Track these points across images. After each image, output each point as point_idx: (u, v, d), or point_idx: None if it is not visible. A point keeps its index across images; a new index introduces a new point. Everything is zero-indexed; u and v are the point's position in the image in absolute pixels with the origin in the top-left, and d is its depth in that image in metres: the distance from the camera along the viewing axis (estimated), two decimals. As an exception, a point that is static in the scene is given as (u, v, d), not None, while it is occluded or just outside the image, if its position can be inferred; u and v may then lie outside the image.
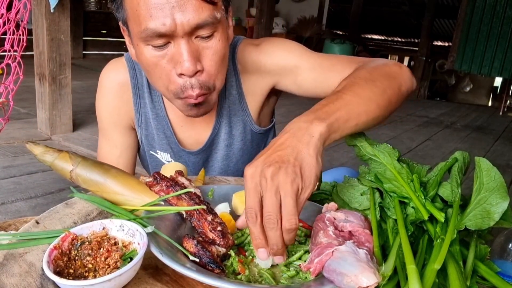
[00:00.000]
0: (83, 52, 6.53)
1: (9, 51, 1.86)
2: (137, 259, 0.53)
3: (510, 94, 6.11)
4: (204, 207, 0.65)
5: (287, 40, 1.01)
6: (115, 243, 0.58)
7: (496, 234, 0.70)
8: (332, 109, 0.67)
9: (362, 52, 7.64)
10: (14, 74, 1.86)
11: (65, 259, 0.55)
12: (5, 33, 1.85)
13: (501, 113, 5.70)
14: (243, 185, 0.59)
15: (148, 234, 0.57)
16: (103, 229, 0.60)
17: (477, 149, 3.67)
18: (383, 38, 8.76)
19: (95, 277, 0.54)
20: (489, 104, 7.84)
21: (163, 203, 0.67)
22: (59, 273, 0.53)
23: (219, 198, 0.77)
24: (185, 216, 0.66)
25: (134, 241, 0.59)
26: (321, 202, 0.78)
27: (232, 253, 0.62)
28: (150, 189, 0.68)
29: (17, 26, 1.88)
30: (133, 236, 0.59)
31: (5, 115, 1.83)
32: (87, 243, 0.57)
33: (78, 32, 6.29)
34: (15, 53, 1.86)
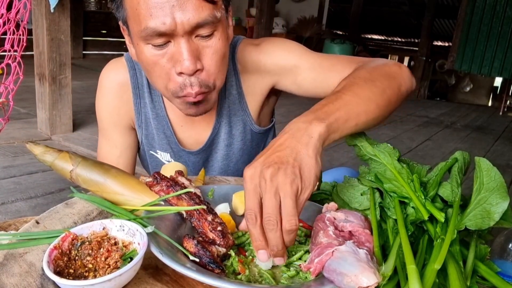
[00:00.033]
0: (83, 52, 6.53)
1: (9, 51, 1.86)
2: (137, 259, 0.53)
3: (510, 94, 6.11)
4: (204, 207, 0.65)
5: (287, 40, 1.01)
6: (115, 243, 0.58)
7: (496, 234, 0.70)
8: (332, 109, 0.67)
9: (362, 52, 7.63)
10: (14, 74, 1.86)
11: (65, 259, 0.55)
12: (5, 33, 1.85)
13: (501, 113, 5.70)
14: (243, 185, 0.59)
15: (148, 234, 0.57)
16: (103, 229, 0.60)
17: (477, 149, 3.67)
18: (383, 38, 8.75)
19: (95, 277, 0.54)
20: (489, 104, 7.83)
21: (163, 203, 0.67)
22: (59, 273, 0.53)
23: (219, 198, 0.77)
24: (185, 216, 0.66)
25: (134, 241, 0.59)
26: (321, 202, 0.78)
27: (232, 253, 0.62)
28: (150, 189, 0.68)
29: (17, 26, 1.88)
30: (133, 236, 0.59)
31: (5, 115, 1.83)
32: (87, 243, 0.57)
33: (78, 32, 6.29)
34: (15, 53, 1.86)
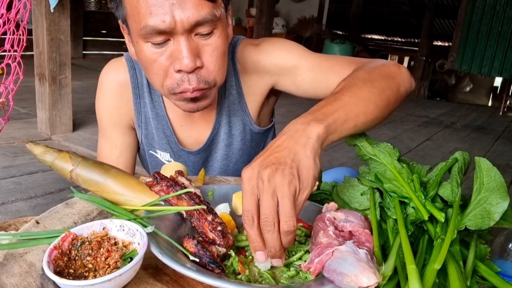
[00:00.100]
0: (83, 52, 6.53)
1: (9, 51, 1.86)
2: (137, 259, 0.53)
3: (510, 94, 6.10)
4: (204, 207, 0.65)
5: (286, 40, 1.01)
6: (115, 243, 0.58)
7: (496, 234, 0.70)
8: (330, 110, 0.67)
9: (362, 52, 7.64)
10: (14, 74, 1.86)
11: (65, 259, 0.55)
12: (5, 33, 1.85)
13: (501, 113, 5.70)
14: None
15: (148, 234, 0.57)
16: (103, 229, 0.60)
17: (477, 149, 3.67)
18: (383, 38, 8.76)
19: (95, 277, 0.54)
20: (489, 104, 7.84)
21: (163, 203, 0.67)
22: (59, 273, 0.53)
23: (219, 198, 0.77)
24: (185, 216, 0.66)
25: (134, 241, 0.59)
26: (321, 202, 0.78)
27: (232, 253, 0.62)
28: (150, 189, 0.68)
29: (17, 26, 1.88)
30: (133, 236, 0.59)
31: (5, 115, 1.83)
32: (87, 243, 0.57)
33: (78, 32, 6.29)
34: (15, 53, 1.86)
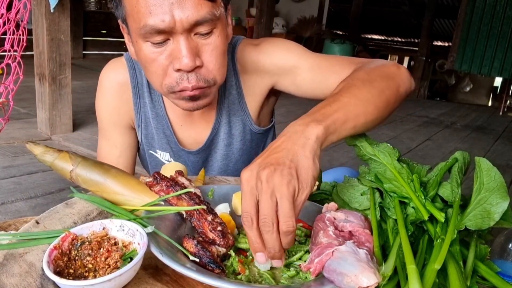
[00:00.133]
0: (83, 52, 6.53)
1: (9, 51, 1.86)
2: (137, 259, 0.53)
3: (510, 94, 6.10)
4: (204, 207, 0.65)
5: (286, 41, 1.01)
6: (115, 243, 0.58)
7: (496, 234, 0.70)
8: (329, 111, 0.67)
9: (362, 52, 7.63)
10: (14, 74, 1.86)
11: (65, 259, 0.55)
12: (5, 33, 1.85)
13: (501, 113, 5.70)
14: None
15: (148, 234, 0.57)
16: (103, 229, 0.60)
17: (477, 149, 3.67)
18: (383, 38, 8.76)
19: (95, 277, 0.54)
20: (489, 104, 7.84)
21: (163, 203, 0.67)
22: (59, 273, 0.53)
23: (219, 198, 0.77)
24: (185, 216, 0.66)
25: (134, 241, 0.59)
26: (321, 202, 0.78)
27: (232, 253, 0.62)
28: (150, 189, 0.68)
29: (17, 26, 1.88)
30: (133, 236, 0.59)
31: (5, 115, 1.83)
32: (87, 243, 0.57)
33: (78, 32, 6.29)
34: (15, 53, 1.86)
